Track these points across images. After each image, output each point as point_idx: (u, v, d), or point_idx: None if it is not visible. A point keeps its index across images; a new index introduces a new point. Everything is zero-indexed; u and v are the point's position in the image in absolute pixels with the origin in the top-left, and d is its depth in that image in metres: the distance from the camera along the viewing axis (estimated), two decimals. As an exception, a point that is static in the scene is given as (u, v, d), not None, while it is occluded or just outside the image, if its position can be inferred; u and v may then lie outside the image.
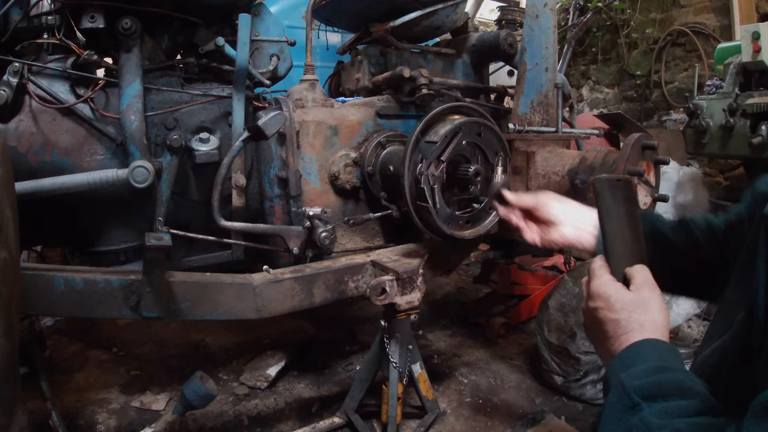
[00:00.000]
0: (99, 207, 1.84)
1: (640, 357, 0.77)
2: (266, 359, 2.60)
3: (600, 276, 0.89)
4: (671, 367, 0.74)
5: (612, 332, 0.83)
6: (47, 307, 1.61)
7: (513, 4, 3.28)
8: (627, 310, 0.83)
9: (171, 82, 1.92)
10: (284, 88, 2.23)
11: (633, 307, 0.83)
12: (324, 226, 1.86)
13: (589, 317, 0.90)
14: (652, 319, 0.81)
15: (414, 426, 2.13)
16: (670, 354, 0.78)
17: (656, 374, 0.72)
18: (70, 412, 2.25)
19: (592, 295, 0.88)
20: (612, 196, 0.93)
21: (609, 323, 0.83)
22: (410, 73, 2.14)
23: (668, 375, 0.72)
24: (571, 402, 2.33)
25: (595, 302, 0.87)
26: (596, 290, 0.88)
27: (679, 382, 0.71)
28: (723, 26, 4.80)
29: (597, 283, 0.88)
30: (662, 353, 0.77)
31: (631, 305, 0.83)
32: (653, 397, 0.69)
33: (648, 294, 0.84)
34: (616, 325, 0.82)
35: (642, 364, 0.75)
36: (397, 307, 1.83)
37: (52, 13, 1.72)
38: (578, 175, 1.85)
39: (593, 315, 0.87)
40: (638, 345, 0.79)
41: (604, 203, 0.93)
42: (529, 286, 3.18)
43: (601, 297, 0.86)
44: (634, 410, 0.69)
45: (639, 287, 0.85)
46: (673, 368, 0.74)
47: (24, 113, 1.71)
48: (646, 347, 0.78)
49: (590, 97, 6.17)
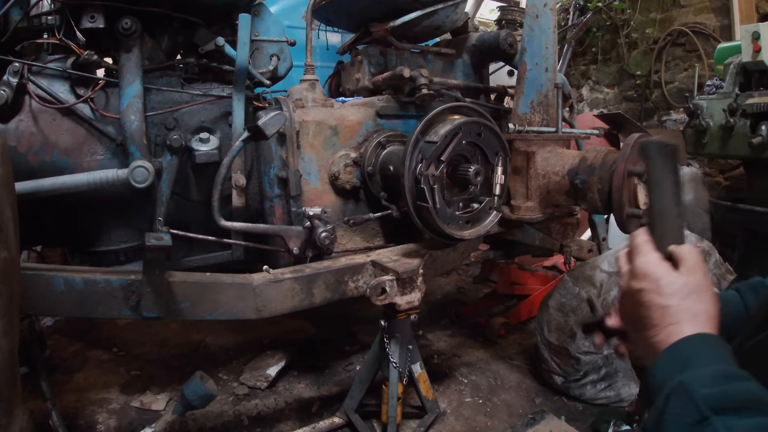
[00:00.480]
0: (99, 207, 1.84)
1: (699, 357, 0.67)
2: (266, 359, 2.60)
3: (646, 252, 0.78)
4: (739, 373, 0.65)
5: (659, 320, 0.72)
6: (47, 307, 1.61)
7: (513, 4, 3.28)
8: (678, 297, 0.72)
9: (171, 82, 1.92)
10: (284, 88, 2.23)
11: (685, 294, 0.72)
12: (324, 226, 1.86)
13: (629, 298, 0.79)
14: (706, 309, 0.72)
15: (414, 426, 2.13)
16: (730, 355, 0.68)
17: (726, 382, 0.63)
18: (70, 412, 2.25)
19: (637, 274, 0.77)
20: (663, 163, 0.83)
21: (656, 309, 0.73)
22: (410, 73, 2.14)
23: (741, 385, 0.63)
24: (571, 402, 2.33)
25: (640, 282, 0.76)
26: (643, 269, 0.77)
27: (755, 394, 0.62)
28: (723, 26, 4.80)
29: (644, 260, 0.77)
30: (723, 353, 0.68)
31: (684, 291, 0.73)
32: (725, 410, 0.60)
33: (701, 280, 0.74)
34: (664, 313, 0.72)
35: (705, 366, 0.65)
36: (397, 307, 1.83)
37: (52, 13, 1.73)
38: (578, 175, 1.85)
39: (636, 297, 0.76)
40: (694, 341, 0.69)
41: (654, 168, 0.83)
42: (529, 286, 3.18)
43: (648, 277, 0.75)
44: (703, 425, 0.60)
45: (691, 271, 0.74)
46: (741, 375, 0.65)
47: (24, 113, 1.71)
48: (705, 345, 0.69)
49: (590, 97, 6.17)
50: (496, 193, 1.89)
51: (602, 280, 2.33)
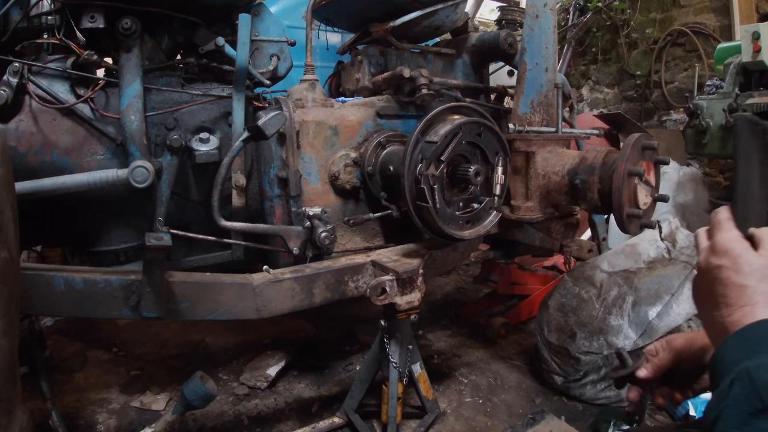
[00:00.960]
0: (99, 207, 1.84)
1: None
2: (266, 359, 2.60)
3: (728, 230, 0.76)
4: None
5: (734, 299, 0.70)
6: (47, 307, 1.61)
7: (513, 4, 3.28)
8: (756, 277, 0.70)
9: (171, 82, 1.92)
10: (284, 88, 2.23)
11: (764, 275, 0.70)
12: (324, 226, 1.86)
13: (706, 275, 0.77)
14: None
15: (414, 426, 2.13)
16: None
17: None
18: (70, 412, 2.25)
19: (717, 250, 0.76)
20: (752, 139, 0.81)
21: (733, 288, 0.71)
22: (410, 73, 2.14)
23: None
24: (571, 402, 2.33)
25: (719, 259, 0.74)
26: (723, 245, 0.75)
27: None
28: (723, 26, 4.80)
29: (725, 237, 0.76)
30: None
31: (762, 272, 0.71)
32: None
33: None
34: (740, 292, 0.70)
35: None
36: (397, 307, 1.83)
37: (52, 13, 1.73)
38: (578, 175, 1.85)
39: (713, 273, 0.75)
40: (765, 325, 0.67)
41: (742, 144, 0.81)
42: (529, 286, 3.18)
43: (728, 254, 0.74)
44: (764, 415, 0.58)
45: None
46: None
47: (24, 113, 1.71)
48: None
49: (590, 97, 6.17)
50: (496, 193, 1.89)
51: (602, 280, 2.33)
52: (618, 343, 2.15)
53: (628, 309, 2.18)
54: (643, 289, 2.20)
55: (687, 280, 2.27)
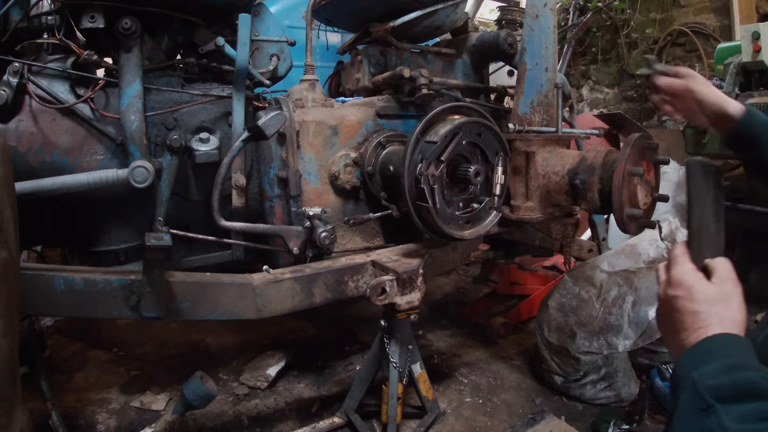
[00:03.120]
0: (99, 207, 1.84)
1: (713, 354, 0.74)
2: (266, 359, 2.60)
3: (682, 263, 0.86)
4: (745, 364, 0.71)
5: (689, 324, 0.80)
6: (47, 307, 1.61)
7: (513, 4, 3.28)
8: (708, 303, 0.80)
9: (171, 82, 1.92)
10: (284, 88, 2.23)
11: (714, 301, 0.80)
12: (324, 226, 1.86)
13: (665, 305, 0.87)
14: (732, 315, 0.79)
15: (414, 426, 2.13)
16: (745, 350, 0.75)
17: (729, 373, 0.70)
18: (70, 412, 2.25)
19: (673, 282, 0.85)
20: (703, 181, 0.90)
21: (687, 314, 0.81)
22: (410, 73, 2.14)
23: (742, 374, 0.70)
24: (571, 402, 2.33)
25: (675, 290, 0.84)
26: (678, 278, 0.85)
27: (754, 382, 0.69)
28: (723, 26, 4.80)
29: (679, 270, 0.85)
30: (736, 349, 0.74)
31: (713, 298, 0.80)
32: (727, 398, 0.67)
33: (731, 289, 0.82)
34: (694, 317, 0.80)
35: (715, 361, 0.72)
36: (397, 307, 1.83)
37: (52, 13, 1.72)
38: (578, 175, 1.85)
39: (671, 303, 0.84)
40: (711, 340, 0.76)
41: (695, 186, 0.90)
42: (529, 286, 3.18)
43: (682, 285, 0.83)
44: (708, 412, 0.67)
45: (722, 281, 0.82)
46: (746, 366, 0.71)
47: (24, 113, 1.71)
48: (720, 343, 0.76)
49: (590, 97, 6.17)
50: (496, 193, 1.89)
51: (602, 280, 2.33)
52: (618, 344, 2.15)
53: (628, 309, 2.18)
54: (643, 289, 2.20)
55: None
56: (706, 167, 0.91)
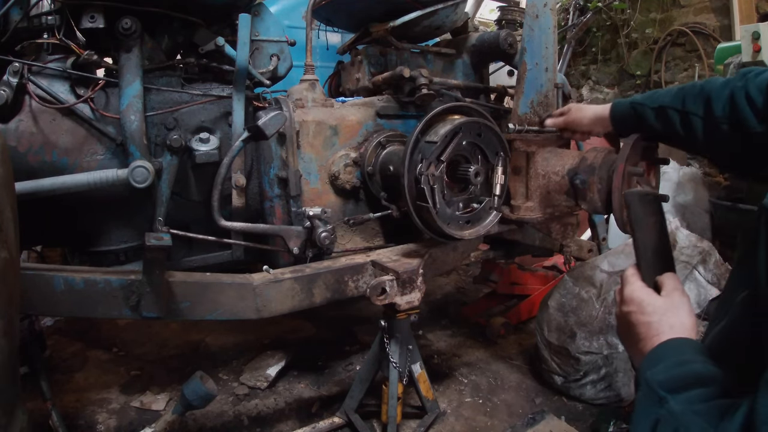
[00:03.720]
0: (99, 207, 1.84)
1: (665, 355, 0.82)
2: (266, 359, 2.60)
3: (633, 282, 0.95)
4: (691, 359, 0.79)
5: (644, 334, 0.87)
6: (47, 307, 1.61)
7: (513, 4, 3.28)
8: (659, 314, 0.88)
9: (171, 82, 1.92)
10: (284, 88, 2.23)
11: (664, 311, 0.88)
12: (324, 226, 1.86)
13: (622, 321, 0.95)
14: (681, 321, 0.87)
15: (414, 426, 2.13)
16: (693, 348, 0.82)
17: (677, 368, 0.78)
18: (70, 412, 2.25)
19: (626, 300, 0.94)
20: (642, 209, 0.99)
21: (641, 326, 0.88)
22: (410, 73, 2.14)
23: (688, 367, 0.77)
24: (571, 402, 2.33)
25: (628, 307, 0.93)
26: (629, 295, 0.93)
27: (698, 372, 0.76)
28: (723, 26, 4.80)
29: (630, 289, 0.94)
30: (685, 348, 0.82)
31: (663, 309, 0.89)
32: (676, 389, 0.74)
33: (678, 299, 0.90)
34: (648, 328, 0.87)
35: (666, 360, 0.80)
36: (397, 307, 1.83)
37: (52, 13, 1.72)
38: (578, 175, 1.85)
39: (626, 319, 0.92)
40: (664, 345, 0.84)
41: (635, 215, 0.99)
42: (529, 286, 3.18)
43: (634, 302, 0.92)
44: (661, 403, 0.74)
45: (670, 293, 0.91)
46: (692, 360, 0.78)
47: (24, 113, 1.71)
48: (671, 346, 0.83)
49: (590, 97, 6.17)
50: (496, 193, 1.89)
51: (602, 280, 2.33)
52: (618, 344, 2.15)
53: (628, 309, 2.18)
54: (643, 289, 2.20)
55: (687, 280, 2.28)
56: (642, 196, 1.00)
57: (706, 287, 2.41)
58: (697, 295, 2.39)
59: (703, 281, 2.41)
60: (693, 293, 2.37)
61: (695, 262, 2.40)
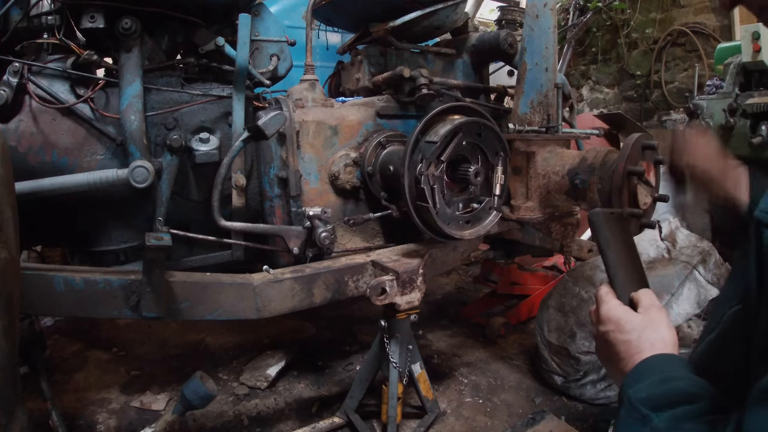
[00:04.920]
0: (99, 207, 1.84)
1: (647, 372, 0.79)
2: (266, 359, 2.60)
3: (608, 301, 0.93)
4: (675, 376, 0.77)
5: (624, 353, 0.85)
6: (47, 307, 1.61)
7: (513, 4, 3.28)
8: (637, 331, 0.85)
9: (171, 82, 1.92)
10: (284, 88, 2.23)
11: (643, 328, 0.86)
12: (324, 226, 1.86)
13: (600, 341, 0.92)
14: (661, 337, 0.84)
15: (414, 426, 2.13)
16: (677, 364, 0.80)
17: (660, 385, 0.75)
18: (70, 412, 2.25)
19: (603, 320, 0.91)
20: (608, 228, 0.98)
21: (621, 344, 0.86)
22: (410, 73, 2.14)
23: (672, 384, 0.75)
24: (571, 402, 2.33)
25: (605, 326, 0.90)
26: (606, 314, 0.91)
27: (683, 389, 0.74)
28: (723, 26, 4.80)
29: (606, 308, 0.92)
30: (668, 365, 0.80)
31: (641, 326, 0.86)
32: (660, 407, 0.72)
33: (656, 314, 0.88)
34: (627, 346, 0.85)
35: (648, 378, 0.77)
36: (397, 307, 1.83)
37: (52, 13, 1.72)
38: (578, 175, 1.85)
39: (605, 338, 0.90)
40: (646, 362, 0.81)
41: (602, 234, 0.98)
42: (529, 286, 3.18)
43: (611, 320, 0.89)
44: (644, 421, 0.72)
45: (647, 309, 0.89)
46: (676, 377, 0.76)
47: (24, 113, 1.71)
48: (653, 363, 0.81)
49: (590, 97, 6.17)
50: (496, 193, 1.89)
51: (602, 280, 2.33)
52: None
53: (628, 309, 2.18)
54: (643, 289, 2.20)
55: (687, 280, 2.27)
56: (607, 216, 0.99)
57: (706, 287, 2.41)
58: (697, 295, 2.39)
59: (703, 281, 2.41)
60: (693, 293, 2.36)
61: (695, 262, 2.39)
